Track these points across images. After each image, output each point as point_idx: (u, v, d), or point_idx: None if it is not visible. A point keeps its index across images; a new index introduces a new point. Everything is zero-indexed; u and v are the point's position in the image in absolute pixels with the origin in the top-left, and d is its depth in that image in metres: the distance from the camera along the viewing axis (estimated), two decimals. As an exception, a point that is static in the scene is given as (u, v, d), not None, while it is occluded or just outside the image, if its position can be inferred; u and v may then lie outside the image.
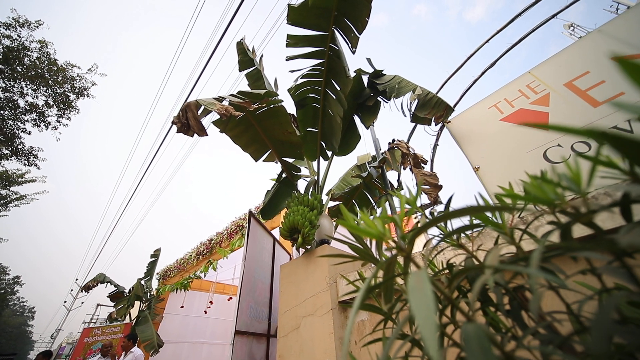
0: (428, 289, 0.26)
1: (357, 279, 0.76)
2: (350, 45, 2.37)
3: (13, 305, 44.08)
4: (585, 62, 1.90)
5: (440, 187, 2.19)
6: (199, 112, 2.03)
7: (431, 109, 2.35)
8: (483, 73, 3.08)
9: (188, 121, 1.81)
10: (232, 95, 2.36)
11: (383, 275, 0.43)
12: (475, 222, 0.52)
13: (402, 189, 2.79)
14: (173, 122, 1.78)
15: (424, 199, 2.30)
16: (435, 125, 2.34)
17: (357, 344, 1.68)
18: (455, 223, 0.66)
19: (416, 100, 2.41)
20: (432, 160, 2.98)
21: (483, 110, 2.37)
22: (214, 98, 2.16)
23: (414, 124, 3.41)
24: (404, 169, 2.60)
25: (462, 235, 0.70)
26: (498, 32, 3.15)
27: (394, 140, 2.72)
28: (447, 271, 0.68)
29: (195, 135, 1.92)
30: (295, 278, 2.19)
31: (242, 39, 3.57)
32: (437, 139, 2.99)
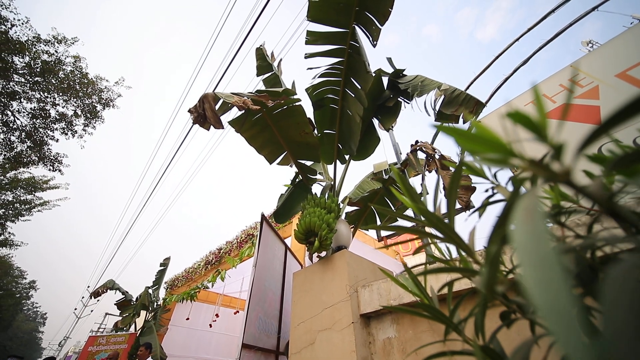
0: None
1: (416, 263, 0.58)
2: (371, 38, 2.29)
3: (27, 310, 44.92)
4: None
5: (474, 189, 1.97)
6: (217, 106, 1.97)
7: (459, 106, 2.18)
8: (515, 71, 2.93)
9: (205, 112, 1.74)
10: (250, 92, 2.31)
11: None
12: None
13: (428, 193, 2.58)
14: (189, 112, 1.71)
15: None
16: (464, 123, 2.17)
17: (383, 366, 1.43)
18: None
19: (442, 97, 2.26)
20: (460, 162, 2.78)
21: (518, 108, 2.18)
22: (232, 93, 2.11)
23: (438, 124, 3.22)
24: (429, 172, 2.40)
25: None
26: (530, 29, 3.02)
27: (417, 141, 2.55)
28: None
29: (212, 127, 1.84)
30: (310, 287, 1.98)
31: (261, 45, 3.61)
32: (465, 140, 2.77)
